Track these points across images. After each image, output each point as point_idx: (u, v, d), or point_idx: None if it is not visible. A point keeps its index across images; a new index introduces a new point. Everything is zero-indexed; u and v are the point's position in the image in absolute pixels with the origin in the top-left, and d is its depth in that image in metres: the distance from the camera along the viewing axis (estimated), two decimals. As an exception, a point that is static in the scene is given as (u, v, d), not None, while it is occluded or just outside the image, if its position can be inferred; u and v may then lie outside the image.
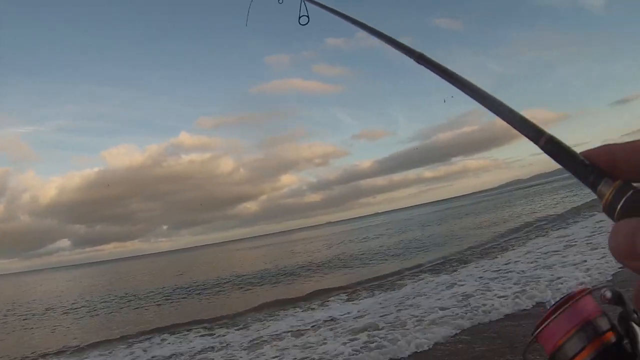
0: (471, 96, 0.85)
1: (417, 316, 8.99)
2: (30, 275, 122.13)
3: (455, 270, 14.37)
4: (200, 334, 11.53)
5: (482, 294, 9.78)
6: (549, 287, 9.04)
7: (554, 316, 0.76)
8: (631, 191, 0.56)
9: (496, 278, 11.23)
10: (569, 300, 0.77)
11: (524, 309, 8.19)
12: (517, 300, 8.72)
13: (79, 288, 36.89)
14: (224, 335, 10.77)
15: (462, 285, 11.32)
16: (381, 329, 8.58)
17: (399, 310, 9.93)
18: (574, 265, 10.63)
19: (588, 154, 0.62)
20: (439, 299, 10.23)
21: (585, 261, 10.72)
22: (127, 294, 24.48)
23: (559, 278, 9.79)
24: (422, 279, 14.06)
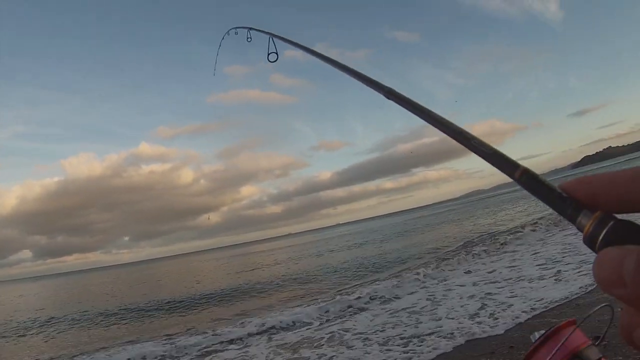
0: (442, 130, 0.84)
1: None
2: None
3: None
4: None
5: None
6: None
7: (541, 349, 0.84)
8: (612, 222, 0.57)
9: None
10: (555, 332, 0.84)
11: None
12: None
13: (28, 303, 33.69)
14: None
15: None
16: None
17: None
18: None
19: (565, 186, 0.61)
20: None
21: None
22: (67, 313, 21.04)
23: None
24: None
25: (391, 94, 1.05)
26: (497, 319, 7.37)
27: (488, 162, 0.71)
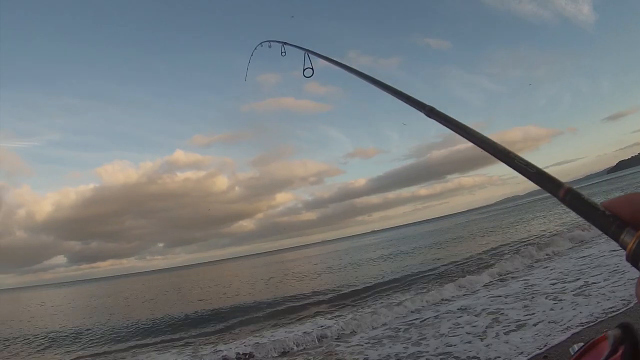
0: (484, 149, 0.83)
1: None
2: (24, 292, 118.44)
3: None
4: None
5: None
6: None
7: None
8: None
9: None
10: (594, 345, 0.81)
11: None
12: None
13: (54, 310, 32.76)
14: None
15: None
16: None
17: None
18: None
19: (609, 204, 0.63)
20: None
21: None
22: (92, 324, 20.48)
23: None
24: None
25: (432, 113, 1.07)
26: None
27: (532, 181, 0.73)
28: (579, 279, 10.57)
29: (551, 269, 13.07)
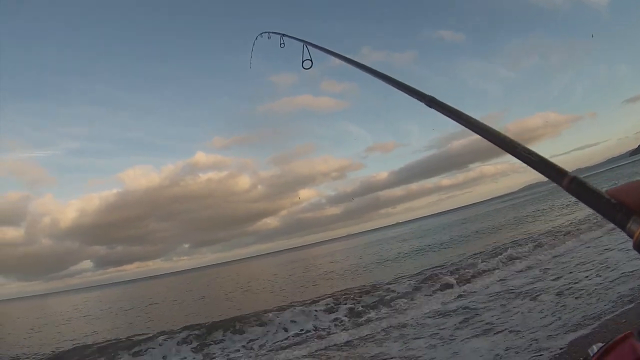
0: (485, 137, 0.82)
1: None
2: (48, 298, 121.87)
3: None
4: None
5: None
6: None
7: None
8: None
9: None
10: (615, 345, 0.77)
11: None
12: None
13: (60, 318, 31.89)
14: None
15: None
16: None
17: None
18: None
19: (614, 192, 0.62)
20: None
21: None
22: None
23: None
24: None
25: (433, 102, 1.07)
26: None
27: (535, 169, 0.72)
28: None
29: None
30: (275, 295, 21.38)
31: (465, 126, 0.91)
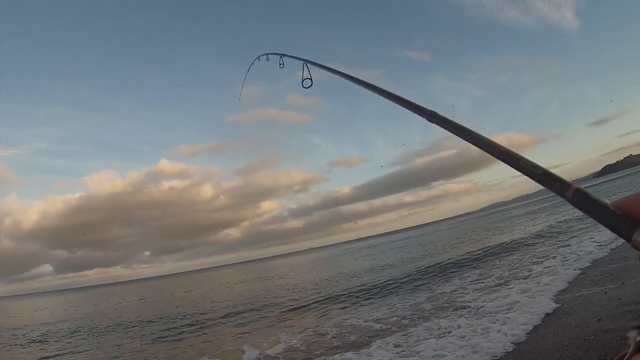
0: (487, 151, 0.79)
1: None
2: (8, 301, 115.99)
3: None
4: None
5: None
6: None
7: None
8: None
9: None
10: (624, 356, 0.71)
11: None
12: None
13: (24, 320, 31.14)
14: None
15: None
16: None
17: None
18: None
19: (618, 203, 0.60)
20: None
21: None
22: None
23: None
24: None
25: (434, 117, 1.05)
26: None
27: (539, 183, 0.70)
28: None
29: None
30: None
31: (468, 140, 0.89)
